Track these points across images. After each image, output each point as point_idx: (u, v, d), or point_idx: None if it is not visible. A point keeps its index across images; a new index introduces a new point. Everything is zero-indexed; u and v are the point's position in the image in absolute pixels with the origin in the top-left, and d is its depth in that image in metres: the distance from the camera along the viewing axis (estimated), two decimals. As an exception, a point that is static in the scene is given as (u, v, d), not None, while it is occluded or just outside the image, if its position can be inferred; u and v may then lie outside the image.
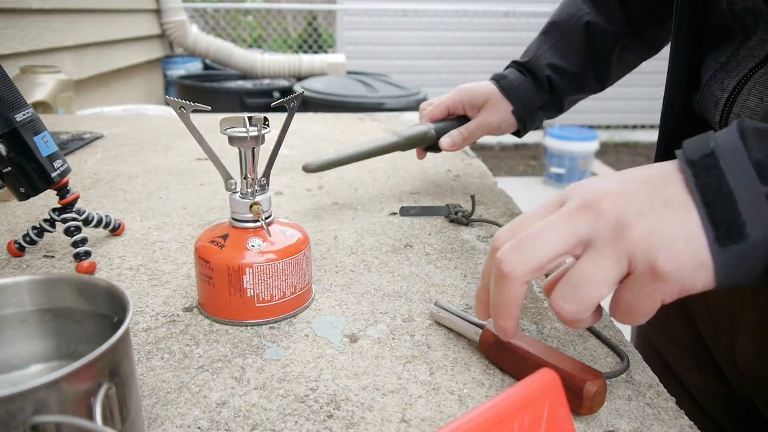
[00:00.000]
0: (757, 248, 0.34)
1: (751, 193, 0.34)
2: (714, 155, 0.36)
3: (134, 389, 0.35)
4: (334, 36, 5.30)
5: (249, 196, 0.52)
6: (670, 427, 0.41)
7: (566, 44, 0.80)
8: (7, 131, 0.55)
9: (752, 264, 0.35)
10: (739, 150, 0.35)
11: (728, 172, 0.35)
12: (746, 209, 0.34)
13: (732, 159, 0.35)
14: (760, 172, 0.34)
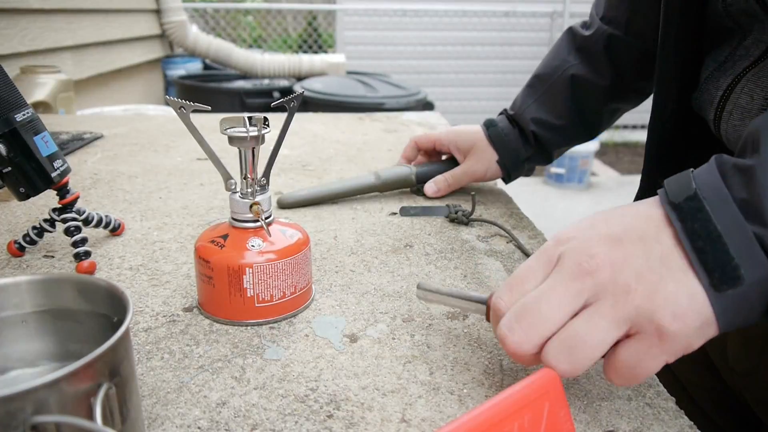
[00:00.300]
0: (753, 290, 0.34)
1: (740, 234, 0.34)
2: (697, 198, 0.35)
3: (134, 389, 0.35)
4: (334, 36, 5.31)
5: (249, 196, 0.52)
6: (670, 427, 0.41)
7: (551, 98, 0.80)
8: (7, 131, 0.55)
9: (751, 305, 0.34)
10: (721, 190, 0.35)
11: (714, 215, 0.34)
12: (737, 252, 0.33)
13: (716, 200, 0.35)
14: (745, 212, 0.34)
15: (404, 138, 1.21)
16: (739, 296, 0.34)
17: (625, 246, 0.36)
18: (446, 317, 0.54)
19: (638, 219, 0.37)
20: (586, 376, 0.46)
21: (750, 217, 0.34)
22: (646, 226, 0.37)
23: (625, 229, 0.37)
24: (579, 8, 5.10)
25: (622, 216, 0.38)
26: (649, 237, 0.36)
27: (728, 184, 0.35)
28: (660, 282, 0.35)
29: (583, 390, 0.45)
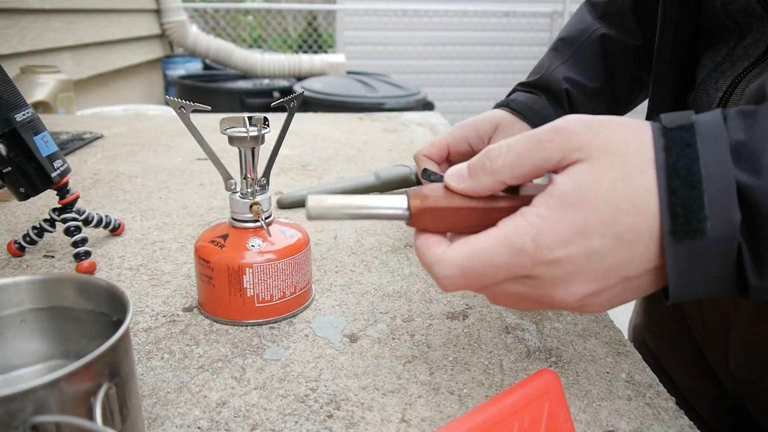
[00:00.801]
0: (712, 248, 0.31)
1: (722, 182, 0.31)
2: (692, 130, 0.32)
3: (134, 389, 0.35)
4: (334, 36, 5.31)
5: (249, 196, 0.52)
6: (670, 427, 0.41)
7: (582, 59, 0.72)
8: (7, 131, 0.55)
9: (706, 267, 0.31)
10: (720, 130, 0.32)
11: (703, 155, 0.31)
12: (711, 202, 0.30)
13: (710, 139, 0.31)
14: (737, 155, 0.31)
15: (404, 138, 1.21)
16: (699, 249, 0.31)
17: (608, 281, 0.33)
18: (446, 317, 0.54)
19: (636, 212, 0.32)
20: (587, 377, 0.46)
21: (740, 160, 0.31)
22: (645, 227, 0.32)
23: (617, 258, 0.33)
24: (579, 8, 5.10)
25: (622, 215, 0.33)
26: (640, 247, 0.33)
27: (728, 126, 0.32)
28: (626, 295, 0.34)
29: (583, 390, 0.45)
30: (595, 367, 0.47)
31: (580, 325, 0.53)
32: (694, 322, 0.64)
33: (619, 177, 0.32)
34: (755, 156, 0.30)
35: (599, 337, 0.52)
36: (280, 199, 0.81)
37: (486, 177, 0.34)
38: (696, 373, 0.66)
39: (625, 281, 0.33)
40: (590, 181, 0.32)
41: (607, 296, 0.34)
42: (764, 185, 0.30)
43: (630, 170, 0.32)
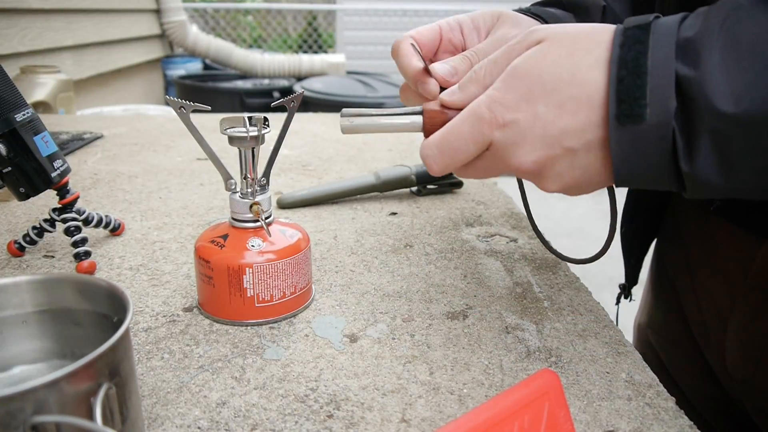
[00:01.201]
0: (651, 133, 0.34)
1: (664, 73, 0.33)
2: (647, 28, 0.35)
3: (134, 389, 0.35)
4: (334, 36, 5.31)
5: (249, 196, 0.52)
6: (670, 427, 0.41)
7: None
8: (7, 131, 0.55)
9: (648, 150, 0.34)
10: (671, 28, 0.35)
11: (651, 51, 0.34)
12: (653, 91, 0.34)
13: (662, 36, 0.34)
14: (679, 50, 0.34)
15: (404, 138, 1.21)
16: (637, 134, 0.34)
17: (554, 150, 0.37)
18: (446, 317, 0.54)
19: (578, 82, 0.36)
20: (587, 377, 0.46)
21: (682, 55, 0.34)
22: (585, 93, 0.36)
23: (560, 127, 0.37)
24: (579, 8, 5.10)
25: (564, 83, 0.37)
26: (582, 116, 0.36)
27: (683, 25, 0.35)
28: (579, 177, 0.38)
29: (583, 390, 0.45)
30: (595, 367, 0.47)
31: (580, 325, 0.53)
32: (693, 322, 0.64)
33: (564, 53, 0.36)
34: (697, 51, 0.33)
35: (599, 337, 0.52)
36: (280, 199, 0.81)
37: (473, 86, 0.41)
38: (697, 373, 0.66)
39: (571, 154, 0.37)
40: (538, 55, 0.37)
41: (559, 169, 0.37)
42: (699, 77, 0.33)
43: (575, 49, 0.36)
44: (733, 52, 0.33)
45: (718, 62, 0.33)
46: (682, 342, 0.67)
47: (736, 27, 0.33)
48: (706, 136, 0.33)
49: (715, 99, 0.32)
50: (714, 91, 0.32)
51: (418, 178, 0.85)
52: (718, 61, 0.33)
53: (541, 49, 0.37)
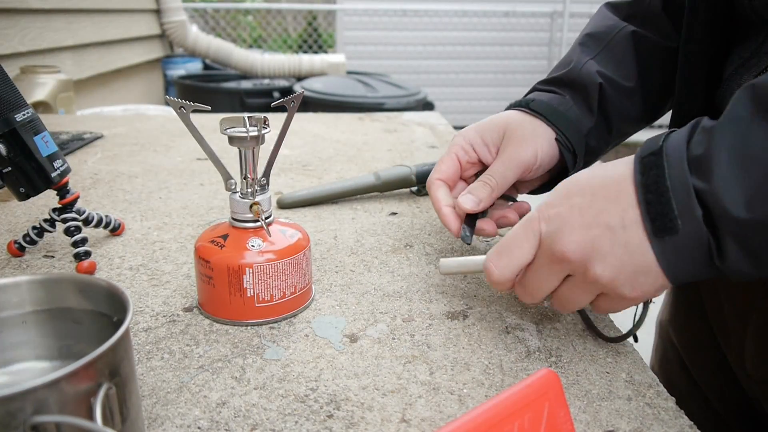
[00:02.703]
0: (689, 239, 0.38)
1: (684, 189, 0.38)
2: (660, 154, 0.40)
3: (134, 389, 0.35)
4: (334, 36, 5.31)
5: (249, 196, 0.52)
6: (670, 427, 0.41)
7: (613, 55, 0.64)
8: (7, 131, 0.55)
9: (690, 254, 0.39)
10: (681, 148, 0.40)
11: (668, 171, 0.39)
12: (679, 205, 0.38)
13: (674, 157, 0.40)
14: (694, 167, 0.39)
15: (404, 138, 1.21)
16: (677, 243, 0.39)
17: (594, 232, 0.42)
18: (446, 317, 0.54)
19: (608, 187, 0.43)
20: (587, 377, 0.46)
21: (695, 171, 0.38)
22: (615, 192, 0.42)
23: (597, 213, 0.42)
24: (579, 8, 5.10)
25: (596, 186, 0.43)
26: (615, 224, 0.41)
27: (691, 143, 0.40)
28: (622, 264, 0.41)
29: (583, 390, 0.45)
30: (595, 367, 0.47)
31: (580, 325, 0.53)
32: (715, 322, 0.64)
33: (592, 172, 0.45)
34: (708, 167, 0.38)
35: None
36: (280, 199, 0.81)
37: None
38: (717, 371, 0.65)
39: (611, 231, 0.41)
40: (572, 178, 0.46)
41: (601, 247, 0.41)
42: (712, 189, 0.37)
43: (600, 168, 0.44)
44: (740, 164, 0.37)
45: (728, 175, 0.37)
46: (702, 341, 0.67)
47: (739, 140, 0.38)
48: (730, 239, 0.38)
49: (729, 207, 0.37)
50: (728, 201, 0.37)
51: (418, 178, 0.84)
52: (727, 174, 0.37)
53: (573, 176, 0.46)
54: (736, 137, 0.38)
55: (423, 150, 1.12)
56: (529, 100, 0.63)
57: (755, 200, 0.36)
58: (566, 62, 0.65)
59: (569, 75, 0.63)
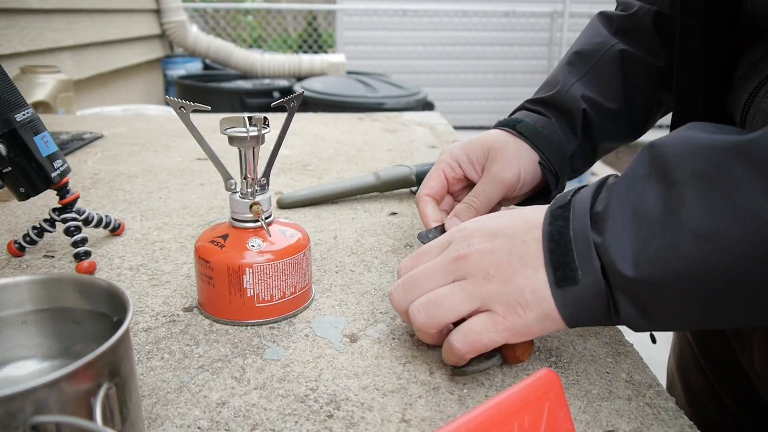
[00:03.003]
0: (588, 290, 0.39)
1: (584, 242, 0.39)
2: (568, 206, 0.42)
3: (134, 389, 0.35)
4: (334, 36, 5.31)
5: (249, 196, 0.52)
6: (670, 427, 0.41)
7: (600, 76, 0.65)
8: (7, 131, 0.55)
9: (590, 305, 0.40)
10: (585, 203, 0.41)
11: (572, 223, 0.40)
12: (580, 257, 0.39)
13: (579, 211, 0.41)
14: (594, 222, 0.40)
15: (404, 138, 1.21)
16: (577, 294, 0.39)
17: (496, 240, 0.43)
18: (446, 317, 0.54)
19: (520, 220, 0.44)
20: (587, 377, 0.46)
21: (595, 227, 0.40)
22: (522, 226, 0.43)
23: (504, 226, 0.44)
24: (579, 8, 5.10)
25: (511, 216, 0.45)
26: (519, 236, 0.43)
27: (595, 199, 0.41)
28: (514, 274, 0.42)
29: (583, 390, 0.45)
30: (595, 367, 0.47)
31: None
32: None
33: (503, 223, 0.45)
34: (604, 222, 0.39)
35: (599, 337, 0.52)
36: (280, 199, 0.81)
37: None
38: (731, 371, 0.65)
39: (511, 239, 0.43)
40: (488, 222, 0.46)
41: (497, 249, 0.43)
42: (605, 244, 0.38)
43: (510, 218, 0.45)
44: (631, 222, 0.38)
45: (619, 231, 0.38)
46: (716, 340, 0.67)
47: (633, 199, 0.39)
48: (620, 293, 0.39)
49: (618, 264, 0.38)
50: (617, 257, 0.38)
51: (418, 178, 0.84)
52: (619, 231, 0.38)
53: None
54: (631, 195, 0.39)
55: (423, 150, 1.12)
56: (515, 120, 0.65)
57: (641, 258, 0.37)
58: (553, 82, 0.66)
59: (555, 98, 0.65)
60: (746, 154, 0.35)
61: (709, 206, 0.35)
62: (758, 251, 0.33)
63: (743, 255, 0.34)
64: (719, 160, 0.36)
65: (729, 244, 0.34)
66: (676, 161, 0.37)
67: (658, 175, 0.38)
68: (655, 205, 0.37)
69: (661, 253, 0.36)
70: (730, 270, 0.35)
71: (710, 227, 0.35)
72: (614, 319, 0.40)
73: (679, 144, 0.39)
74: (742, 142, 0.35)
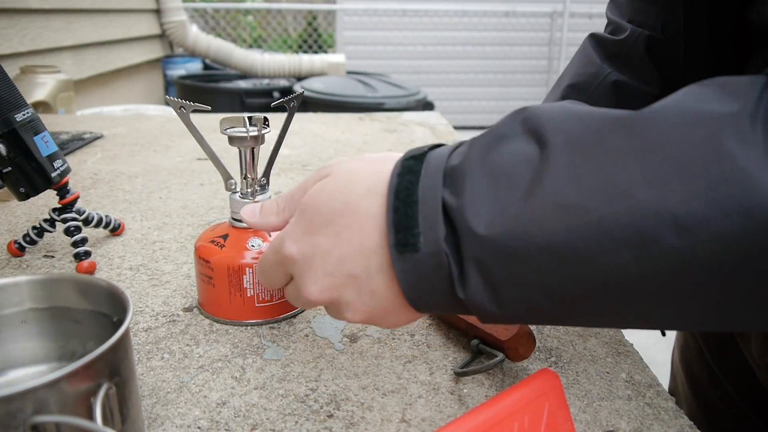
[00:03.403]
0: (428, 261, 0.34)
1: (432, 203, 0.34)
2: (420, 160, 0.36)
3: (134, 389, 0.35)
4: (334, 36, 5.31)
5: (249, 196, 0.52)
6: (670, 426, 0.41)
7: None
8: (7, 131, 0.55)
9: (430, 279, 0.34)
10: (441, 157, 0.35)
11: (422, 180, 0.35)
12: (424, 220, 0.34)
13: (433, 166, 0.35)
14: (448, 178, 0.34)
15: (404, 138, 1.21)
16: (418, 263, 0.34)
17: (337, 279, 0.38)
18: (446, 317, 0.54)
19: (353, 212, 0.38)
20: (587, 376, 0.46)
21: (450, 183, 0.34)
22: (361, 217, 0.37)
23: (337, 256, 0.38)
24: (579, 8, 5.10)
25: (339, 212, 0.38)
26: (358, 241, 0.37)
27: (452, 153, 0.36)
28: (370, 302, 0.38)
29: (583, 390, 0.45)
30: (595, 367, 0.47)
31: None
32: None
33: (338, 187, 0.38)
34: (460, 179, 0.34)
35: (599, 337, 0.52)
36: None
37: (272, 218, 0.45)
38: (733, 360, 0.65)
39: (354, 280, 0.37)
40: (318, 189, 0.39)
41: (347, 296, 0.38)
42: (461, 206, 0.33)
43: (351, 180, 0.38)
44: (491, 180, 0.33)
45: (478, 190, 0.33)
46: (724, 335, 0.68)
47: (495, 156, 0.34)
48: (472, 264, 0.33)
49: (473, 224, 0.32)
50: (472, 218, 0.33)
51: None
52: (478, 189, 0.33)
53: (323, 183, 0.39)
54: (494, 153, 0.34)
55: (423, 150, 1.12)
56: None
57: (498, 220, 0.32)
58: None
59: None
60: (628, 128, 0.31)
61: (579, 177, 0.31)
62: (627, 233, 0.29)
63: (610, 236, 0.30)
64: (598, 129, 0.32)
65: (596, 220, 0.30)
66: (550, 125, 0.33)
67: (528, 137, 0.34)
68: (520, 168, 0.33)
69: (520, 219, 0.32)
70: (593, 251, 0.30)
71: (576, 200, 0.30)
72: (460, 299, 0.34)
73: (556, 109, 0.34)
74: (626, 114, 0.32)
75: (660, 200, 0.28)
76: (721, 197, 0.27)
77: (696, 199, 0.28)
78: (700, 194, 0.28)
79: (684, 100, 0.31)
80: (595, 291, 0.31)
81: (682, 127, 0.29)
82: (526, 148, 0.33)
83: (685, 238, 0.28)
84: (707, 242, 0.28)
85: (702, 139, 0.28)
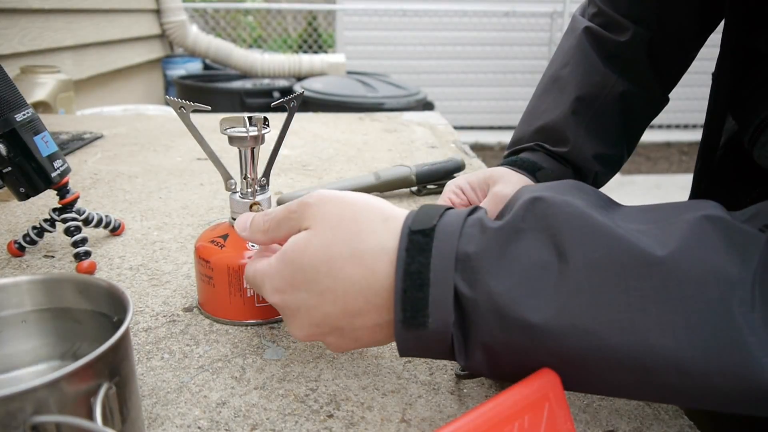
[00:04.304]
0: (432, 335, 0.36)
1: (443, 286, 0.35)
2: (431, 234, 0.36)
3: (134, 389, 0.35)
4: (334, 36, 5.31)
5: (249, 196, 0.52)
6: (670, 427, 0.41)
7: (602, 124, 0.66)
8: (7, 131, 0.55)
9: (428, 346, 0.37)
10: (453, 237, 0.36)
11: (433, 261, 0.35)
12: (434, 302, 0.35)
13: (443, 244, 0.36)
14: (460, 263, 0.35)
15: (404, 138, 1.21)
16: (422, 337, 0.36)
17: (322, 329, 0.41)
18: (446, 317, 0.54)
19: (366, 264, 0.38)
20: (586, 376, 0.46)
21: (463, 270, 0.35)
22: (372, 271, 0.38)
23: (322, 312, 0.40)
24: (579, 8, 5.10)
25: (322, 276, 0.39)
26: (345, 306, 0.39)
27: (464, 234, 0.36)
28: (352, 343, 0.41)
29: (583, 390, 0.45)
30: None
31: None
32: None
33: (321, 245, 0.39)
34: (474, 271, 0.35)
35: (599, 337, 0.52)
36: (280, 199, 0.81)
37: (258, 235, 0.45)
38: None
39: (339, 330, 0.40)
40: (301, 245, 0.40)
41: (333, 340, 0.41)
42: (475, 297, 0.34)
43: (332, 243, 0.39)
44: (508, 281, 0.34)
45: (494, 287, 0.34)
46: None
47: (512, 252, 0.35)
48: (479, 346, 0.35)
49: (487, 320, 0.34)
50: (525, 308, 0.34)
51: (418, 178, 0.84)
52: (494, 287, 0.34)
53: (306, 239, 0.40)
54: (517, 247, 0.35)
55: (423, 150, 1.12)
56: (534, 167, 0.66)
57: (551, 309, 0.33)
58: (562, 139, 0.66)
59: (569, 156, 0.66)
60: (650, 273, 0.32)
61: (597, 305, 0.33)
62: (635, 365, 0.32)
63: (618, 363, 0.33)
64: (620, 262, 0.33)
65: (607, 347, 0.33)
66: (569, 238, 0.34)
67: (545, 239, 0.35)
68: (537, 273, 0.34)
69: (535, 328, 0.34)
70: (599, 367, 0.33)
71: (592, 326, 0.33)
72: (457, 359, 0.37)
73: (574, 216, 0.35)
74: (649, 255, 0.32)
75: (671, 348, 0.32)
76: (724, 361, 0.31)
77: (702, 356, 0.31)
78: (706, 352, 0.31)
79: (699, 247, 0.32)
80: (590, 387, 0.36)
81: (698, 285, 0.32)
82: (543, 253, 0.34)
83: (683, 380, 0.32)
84: (701, 387, 0.32)
85: (715, 302, 0.31)
